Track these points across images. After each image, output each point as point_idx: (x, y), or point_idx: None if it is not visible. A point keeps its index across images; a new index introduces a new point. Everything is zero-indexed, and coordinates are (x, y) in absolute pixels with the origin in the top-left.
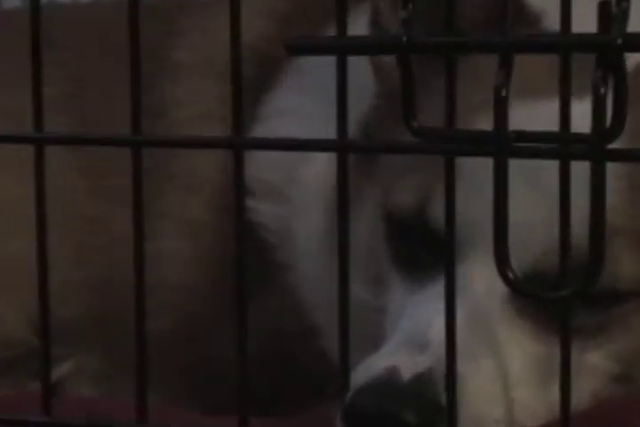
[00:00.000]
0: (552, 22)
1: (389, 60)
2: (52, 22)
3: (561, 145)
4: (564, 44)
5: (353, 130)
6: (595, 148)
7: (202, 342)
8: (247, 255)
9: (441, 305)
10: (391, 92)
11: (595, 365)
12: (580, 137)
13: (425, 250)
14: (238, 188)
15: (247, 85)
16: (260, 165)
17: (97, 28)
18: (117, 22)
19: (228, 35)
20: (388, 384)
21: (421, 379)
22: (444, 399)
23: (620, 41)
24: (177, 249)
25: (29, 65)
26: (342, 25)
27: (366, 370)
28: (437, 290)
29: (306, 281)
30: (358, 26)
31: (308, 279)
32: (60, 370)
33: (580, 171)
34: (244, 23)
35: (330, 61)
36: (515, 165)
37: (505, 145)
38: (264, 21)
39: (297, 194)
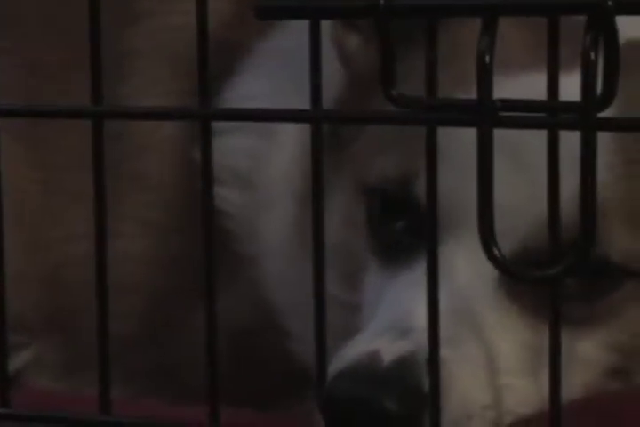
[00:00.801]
0: None
1: (354, 44)
2: None
3: (548, 114)
4: (553, 6)
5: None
6: (584, 116)
7: (162, 342)
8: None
9: (423, 289)
10: (356, 76)
11: (587, 355)
12: (568, 105)
13: (406, 231)
14: (206, 163)
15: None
16: (227, 151)
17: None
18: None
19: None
20: (367, 369)
21: (403, 363)
22: (426, 385)
23: (611, 3)
24: (134, 249)
25: None
26: None
27: (345, 355)
28: (418, 274)
29: (271, 275)
30: None
31: (274, 274)
32: (18, 360)
33: (567, 144)
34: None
35: (293, 44)
36: (498, 139)
37: (489, 114)
38: (220, 3)
39: (265, 183)
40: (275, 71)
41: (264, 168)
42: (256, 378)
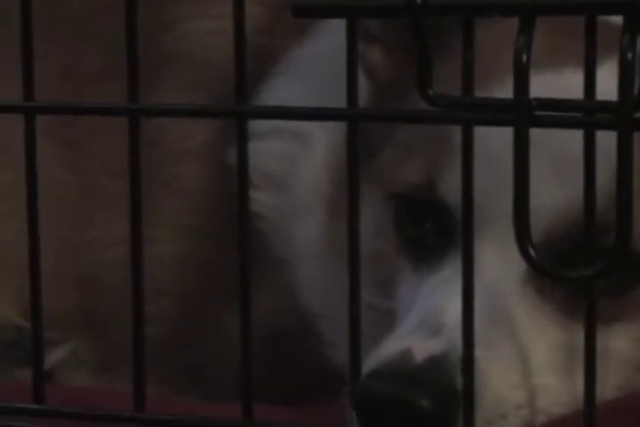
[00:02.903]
0: None
1: (377, 56)
2: None
3: (585, 114)
4: (590, 6)
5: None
6: (621, 116)
7: (195, 343)
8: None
9: (455, 287)
10: (380, 88)
11: (622, 351)
12: (605, 105)
13: (433, 232)
14: (242, 163)
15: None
16: (261, 155)
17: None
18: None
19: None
20: (400, 367)
21: (435, 362)
22: (459, 384)
23: None
24: (168, 253)
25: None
26: None
27: (378, 354)
28: (448, 273)
29: (304, 280)
30: None
31: (307, 278)
32: (52, 356)
33: (600, 143)
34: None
35: (326, 51)
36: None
37: (525, 113)
38: (258, 8)
39: (297, 187)
40: (308, 76)
41: (297, 172)
42: (288, 378)
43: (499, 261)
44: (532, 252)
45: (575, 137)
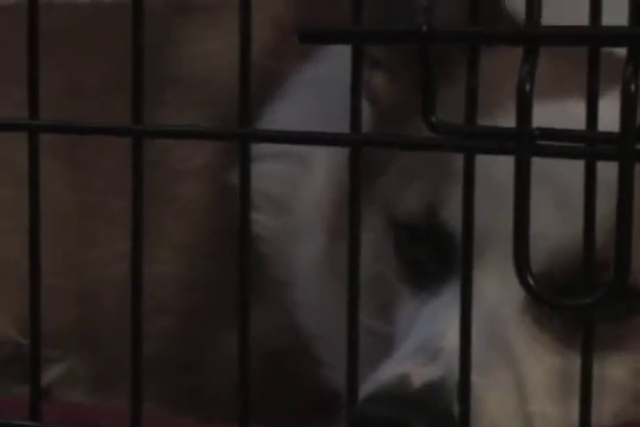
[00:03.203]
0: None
1: (380, 82)
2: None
3: (587, 144)
4: (594, 37)
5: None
6: (623, 147)
7: (193, 362)
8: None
9: (452, 313)
10: (382, 113)
11: (618, 380)
12: (607, 136)
13: (434, 258)
14: (245, 186)
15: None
16: (262, 177)
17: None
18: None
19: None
20: (397, 392)
21: (433, 387)
22: (456, 410)
23: None
24: (168, 273)
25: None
26: (358, 13)
27: (376, 378)
28: (448, 298)
29: (303, 302)
30: None
31: (306, 300)
32: (49, 374)
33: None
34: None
35: (330, 79)
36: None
37: (527, 142)
38: (264, 31)
39: (298, 209)
40: (310, 100)
41: (298, 194)
42: (286, 398)
43: (498, 288)
44: (530, 280)
45: (577, 167)
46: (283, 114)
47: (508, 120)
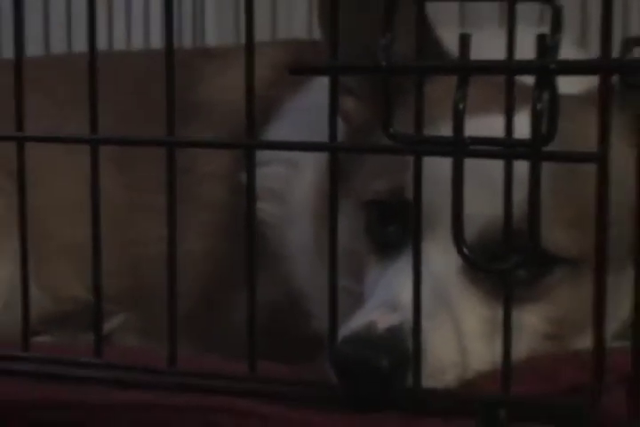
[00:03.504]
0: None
1: (351, 105)
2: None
3: (506, 148)
4: (511, 68)
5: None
6: (534, 149)
7: (214, 315)
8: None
9: (408, 276)
10: (353, 129)
11: (532, 325)
12: (521, 141)
13: (394, 231)
14: (250, 183)
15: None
16: (266, 177)
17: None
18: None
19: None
20: (366, 335)
21: (393, 331)
22: (410, 347)
23: (553, 66)
24: (195, 248)
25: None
26: (334, 52)
27: (349, 325)
28: (404, 264)
29: (297, 271)
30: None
31: (299, 269)
32: (110, 324)
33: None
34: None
35: (314, 104)
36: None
37: (462, 147)
38: (265, 70)
39: (292, 201)
40: (301, 119)
41: (291, 190)
42: (284, 343)
43: (442, 256)
44: (465, 250)
45: (499, 165)
46: (280, 130)
47: (447, 130)
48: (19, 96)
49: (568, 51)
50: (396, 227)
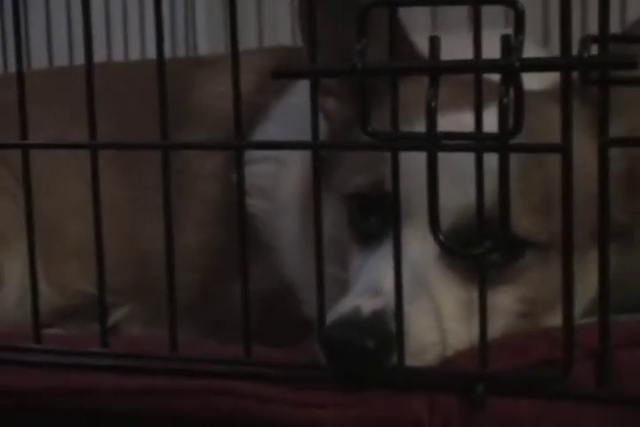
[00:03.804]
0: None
1: (332, 105)
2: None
3: (476, 141)
4: (477, 67)
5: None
6: (502, 143)
7: (212, 303)
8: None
9: (389, 263)
10: (334, 128)
11: (505, 305)
12: (490, 135)
13: (375, 222)
14: (240, 181)
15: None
16: (255, 174)
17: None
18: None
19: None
20: (352, 318)
21: (377, 315)
22: (393, 329)
23: (518, 64)
24: (192, 242)
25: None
26: (313, 56)
27: (337, 310)
28: (385, 252)
29: (287, 260)
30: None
31: (288, 259)
32: (115, 315)
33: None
34: None
35: (298, 106)
36: (440, 158)
37: (435, 142)
38: (251, 76)
39: (280, 197)
40: (285, 120)
41: (279, 186)
42: (276, 327)
43: (420, 244)
44: (441, 237)
45: (470, 157)
46: (267, 131)
47: (421, 127)
48: (22, 106)
49: (531, 49)
50: (376, 218)
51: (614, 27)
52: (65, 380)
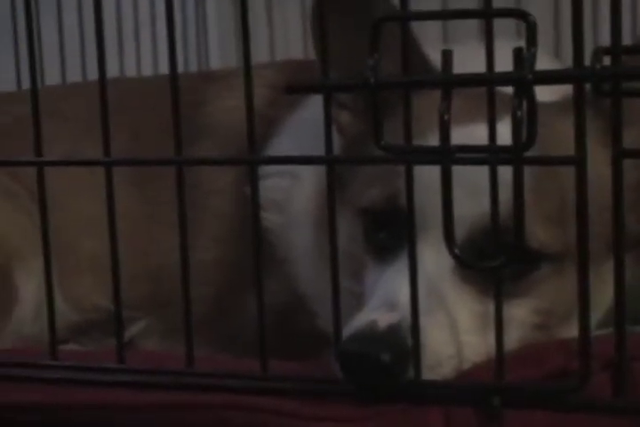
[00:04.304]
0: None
1: (346, 118)
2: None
3: (490, 154)
4: (490, 80)
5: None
6: (515, 155)
7: (227, 317)
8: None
9: (404, 277)
10: (348, 141)
11: (521, 317)
12: (504, 148)
13: (389, 237)
14: (254, 196)
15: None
16: (269, 189)
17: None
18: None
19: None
20: (369, 333)
21: (393, 329)
22: (409, 343)
23: (530, 77)
24: (206, 256)
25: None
26: (326, 71)
27: (353, 324)
28: (400, 266)
29: (301, 273)
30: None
31: (303, 272)
32: (131, 330)
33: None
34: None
35: (311, 120)
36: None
37: (448, 156)
38: (264, 90)
39: (294, 210)
40: (299, 134)
41: (293, 200)
42: (292, 341)
43: (435, 257)
44: (456, 251)
45: (484, 170)
46: (280, 145)
47: (435, 140)
48: (36, 123)
49: (544, 60)
50: (390, 231)
51: (626, 39)
52: (81, 396)
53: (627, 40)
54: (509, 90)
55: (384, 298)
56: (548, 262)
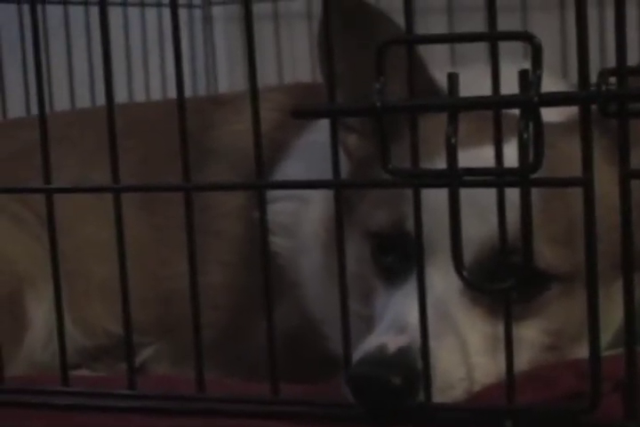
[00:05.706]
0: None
1: (353, 141)
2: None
3: (497, 177)
4: (496, 103)
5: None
6: (522, 177)
7: (237, 341)
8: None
9: (413, 299)
10: (355, 164)
11: (530, 338)
12: (511, 170)
13: (398, 259)
14: (263, 221)
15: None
16: (277, 213)
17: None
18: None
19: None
20: (378, 356)
21: (403, 351)
22: (420, 366)
23: (536, 99)
24: (215, 281)
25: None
26: (332, 96)
27: (362, 348)
28: (409, 289)
29: (311, 297)
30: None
31: (312, 295)
32: (142, 354)
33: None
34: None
35: (319, 143)
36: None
37: (456, 178)
38: (271, 113)
39: (302, 234)
40: (306, 158)
41: (301, 224)
42: (302, 365)
43: (444, 280)
44: (465, 273)
45: (491, 192)
46: (288, 168)
47: (442, 161)
48: (45, 150)
49: (550, 82)
50: (398, 255)
51: (632, 59)
52: (93, 422)
53: (633, 60)
54: (516, 110)
55: (393, 321)
56: (557, 283)
